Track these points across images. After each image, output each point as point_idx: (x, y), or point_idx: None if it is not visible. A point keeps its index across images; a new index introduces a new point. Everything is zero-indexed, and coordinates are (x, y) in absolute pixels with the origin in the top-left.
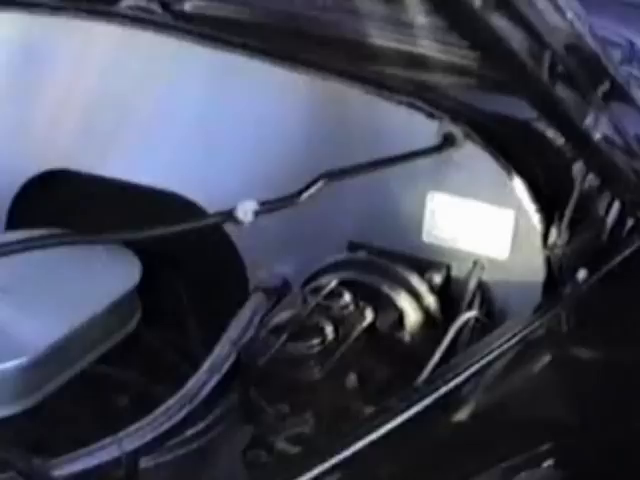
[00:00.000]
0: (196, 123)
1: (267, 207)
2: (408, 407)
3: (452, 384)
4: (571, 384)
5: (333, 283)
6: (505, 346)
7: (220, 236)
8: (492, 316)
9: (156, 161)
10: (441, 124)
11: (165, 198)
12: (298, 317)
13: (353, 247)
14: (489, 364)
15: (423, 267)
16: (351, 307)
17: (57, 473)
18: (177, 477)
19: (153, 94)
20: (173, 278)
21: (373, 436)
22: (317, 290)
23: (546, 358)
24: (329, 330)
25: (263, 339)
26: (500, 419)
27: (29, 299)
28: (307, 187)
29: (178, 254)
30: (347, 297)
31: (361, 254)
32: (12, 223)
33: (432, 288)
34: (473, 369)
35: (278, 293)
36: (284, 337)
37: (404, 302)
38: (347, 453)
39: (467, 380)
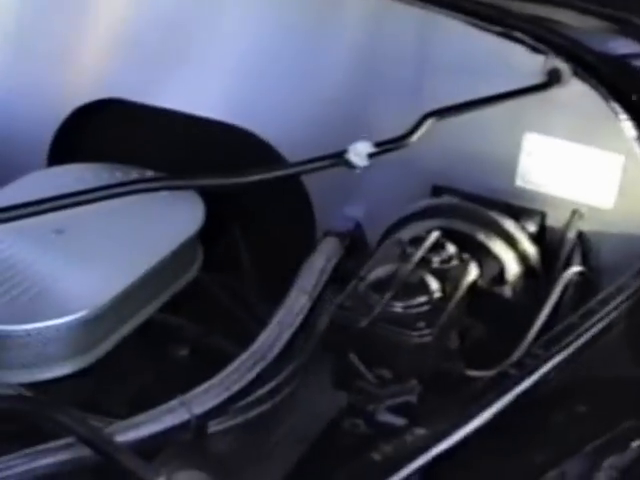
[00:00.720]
0: (255, 54)
1: (381, 149)
2: (529, 374)
3: (571, 349)
4: None
5: (436, 233)
6: (623, 306)
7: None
8: (591, 270)
9: (214, 92)
10: (547, 59)
11: (223, 130)
12: (400, 272)
13: (437, 191)
14: (608, 327)
15: (515, 214)
16: (455, 261)
17: (121, 439)
18: (247, 441)
19: (210, 22)
20: (233, 220)
21: (493, 408)
22: (416, 241)
23: None
24: (435, 287)
25: (361, 297)
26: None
27: (87, 246)
28: (416, 126)
29: (237, 192)
30: (451, 249)
31: (448, 199)
32: (55, 155)
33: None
34: (591, 333)
35: (351, 238)
36: (389, 294)
37: (504, 252)
38: (463, 431)
39: (586, 345)
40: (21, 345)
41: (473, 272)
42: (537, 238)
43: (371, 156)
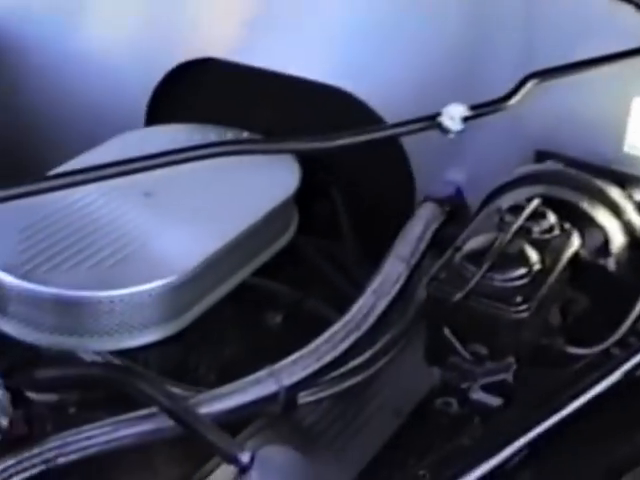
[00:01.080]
0: (356, 16)
1: (477, 112)
2: (634, 354)
3: None
4: None
5: (536, 201)
6: None
7: (386, 139)
8: None
9: (313, 53)
10: None
11: (321, 91)
12: (498, 242)
13: (541, 157)
14: None
15: (621, 182)
16: (556, 231)
17: (206, 410)
18: (338, 414)
19: None
20: (330, 183)
21: (595, 390)
22: (516, 209)
23: None
24: (535, 258)
25: (456, 269)
26: None
27: (177, 208)
28: (516, 89)
29: (335, 155)
30: (552, 218)
31: (552, 165)
32: (152, 114)
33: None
34: None
35: (451, 204)
36: (485, 266)
37: (608, 222)
38: (563, 412)
39: None
40: (105, 312)
41: (575, 243)
42: None
43: (466, 120)
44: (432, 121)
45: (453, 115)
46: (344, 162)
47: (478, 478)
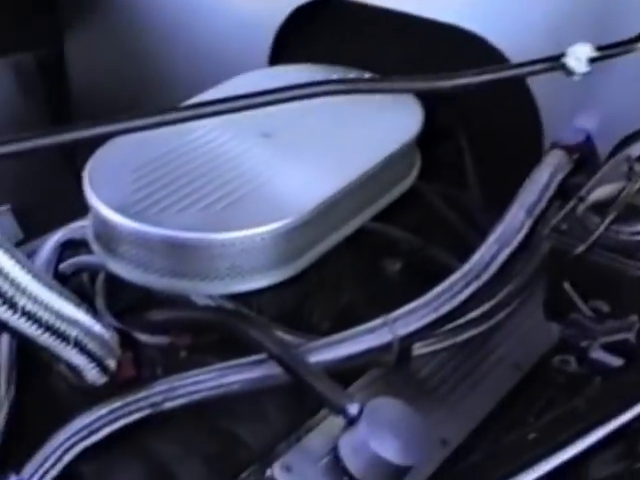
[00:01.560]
0: None
1: (604, 53)
2: None
3: None
4: None
5: None
6: None
7: (515, 82)
8: None
9: None
10: None
11: (448, 33)
12: (625, 192)
13: None
14: None
15: None
16: None
17: (317, 357)
18: (454, 367)
19: None
20: (456, 128)
21: None
22: None
23: None
24: None
25: (579, 220)
26: None
27: (295, 147)
28: None
29: (461, 98)
30: None
31: None
32: (276, 54)
33: None
34: None
35: (580, 152)
36: (610, 218)
37: None
38: None
39: None
40: (217, 255)
41: None
42: None
43: (593, 61)
44: (556, 62)
45: (579, 55)
46: (471, 106)
47: (591, 445)
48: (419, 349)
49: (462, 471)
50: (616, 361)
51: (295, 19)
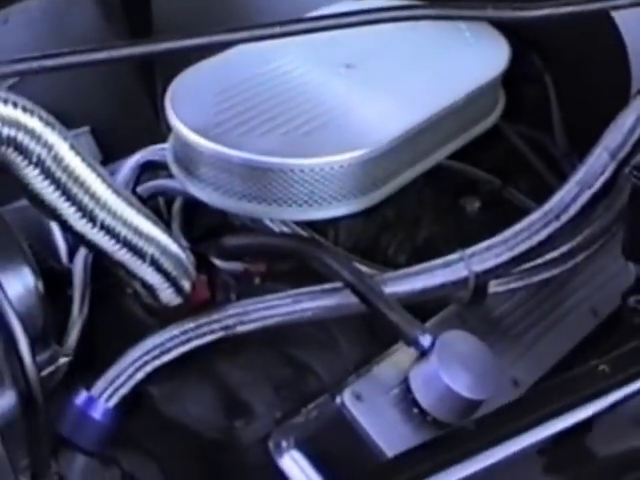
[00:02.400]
0: None
1: None
2: None
3: None
4: None
5: None
6: None
7: (605, 27)
8: None
9: None
10: None
11: None
12: None
13: None
14: None
15: None
16: None
17: (392, 289)
18: (531, 308)
19: None
20: (543, 70)
21: None
22: None
23: None
24: None
25: None
26: None
27: (378, 79)
28: None
29: (549, 39)
30: None
31: None
32: None
33: None
34: None
35: None
36: None
37: None
38: None
39: None
40: (296, 181)
41: None
42: None
43: None
44: None
45: None
46: (559, 51)
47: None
48: (495, 287)
49: (528, 397)
50: None
51: None
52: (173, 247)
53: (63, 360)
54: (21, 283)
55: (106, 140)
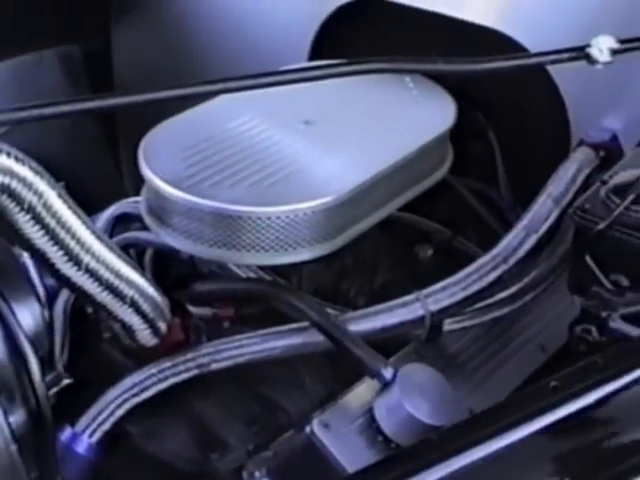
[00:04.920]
0: None
1: (626, 46)
2: None
3: None
4: None
5: None
6: None
7: (544, 83)
8: None
9: None
10: None
11: (482, 34)
12: None
13: None
14: None
15: None
16: None
17: (353, 328)
18: (482, 346)
19: None
20: (485, 124)
21: None
22: None
23: None
24: None
25: (602, 200)
26: None
27: (334, 134)
28: None
29: (492, 98)
30: None
31: None
32: (316, 52)
33: None
34: None
35: (606, 150)
36: (629, 198)
37: None
38: None
39: None
40: (262, 228)
41: None
42: None
43: (615, 53)
44: (581, 51)
45: (601, 47)
46: (501, 105)
47: (609, 393)
48: (450, 325)
49: (486, 412)
50: (635, 330)
51: (336, 18)
52: (150, 290)
53: (66, 381)
54: (29, 310)
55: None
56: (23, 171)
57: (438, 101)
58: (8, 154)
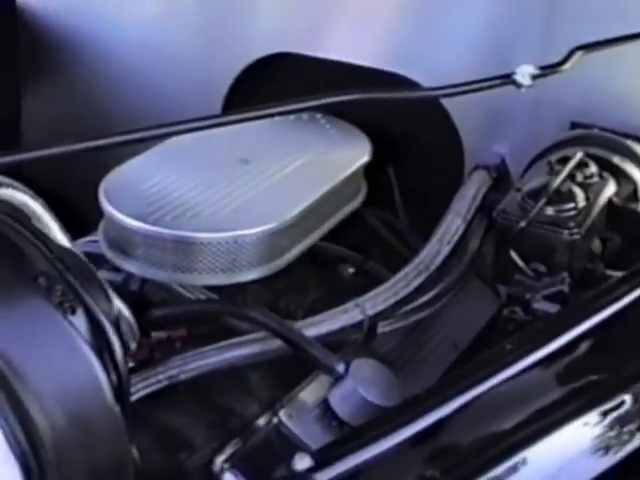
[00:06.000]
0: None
1: (543, 72)
2: None
3: None
4: None
5: (579, 154)
6: None
7: (440, 116)
8: None
9: (377, 42)
10: None
11: (388, 79)
12: (551, 183)
13: (576, 127)
14: None
15: None
16: (596, 177)
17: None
18: (409, 343)
19: None
20: (389, 161)
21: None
22: (563, 160)
23: None
24: (581, 196)
25: (518, 204)
26: None
27: (269, 173)
28: (566, 59)
29: (394, 133)
30: (593, 168)
31: (589, 131)
32: (229, 106)
33: None
34: None
35: (497, 171)
36: (543, 200)
37: (637, 175)
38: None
39: None
40: (217, 252)
41: (611, 188)
42: None
43: (534, 78)
44: (508, 78)
45: (525, 73)
46: (402, 139)
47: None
48: (382, 328)
49: (451, 373)
50: (554, 307)
51: (249, 72)
52: (125, 311)
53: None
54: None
55: None
56: None
57: (352, 139)
58: None
